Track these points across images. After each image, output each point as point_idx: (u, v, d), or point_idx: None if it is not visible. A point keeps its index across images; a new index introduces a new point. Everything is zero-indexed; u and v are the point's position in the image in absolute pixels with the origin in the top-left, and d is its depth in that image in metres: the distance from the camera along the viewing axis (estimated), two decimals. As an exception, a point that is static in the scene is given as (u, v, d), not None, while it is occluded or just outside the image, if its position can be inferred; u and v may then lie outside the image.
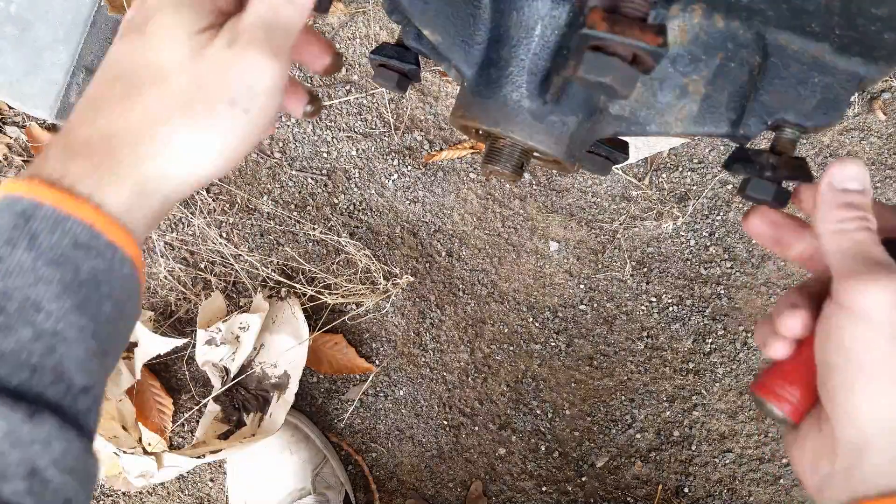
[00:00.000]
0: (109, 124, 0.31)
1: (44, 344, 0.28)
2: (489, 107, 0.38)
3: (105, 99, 0.31)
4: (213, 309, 0.89)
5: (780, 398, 0.36)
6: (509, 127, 0.38)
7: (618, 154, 0.42)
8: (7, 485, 0.26)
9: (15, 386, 0.27)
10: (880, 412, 0.31)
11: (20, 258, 0.28)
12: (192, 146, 0.31)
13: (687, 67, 0.37)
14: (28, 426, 0.27)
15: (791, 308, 0.34)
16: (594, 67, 0.31)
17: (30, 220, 0.28)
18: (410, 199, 0.92)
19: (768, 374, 0.37)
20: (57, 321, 0.28)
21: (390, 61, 0.42)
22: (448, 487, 0.92)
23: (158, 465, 0.85)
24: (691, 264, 0.91)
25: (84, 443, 0.29)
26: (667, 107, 0.38)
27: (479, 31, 0.39)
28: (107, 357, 0.31)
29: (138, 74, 0.31)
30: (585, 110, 0.38)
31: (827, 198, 0.34)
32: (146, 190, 0.31)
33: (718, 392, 0.91)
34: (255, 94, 0.31)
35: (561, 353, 0.92)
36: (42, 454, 0.27)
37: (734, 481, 0.91)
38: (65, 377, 0.28)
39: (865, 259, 0.31)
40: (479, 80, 0.39)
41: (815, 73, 0.35)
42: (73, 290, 0.28)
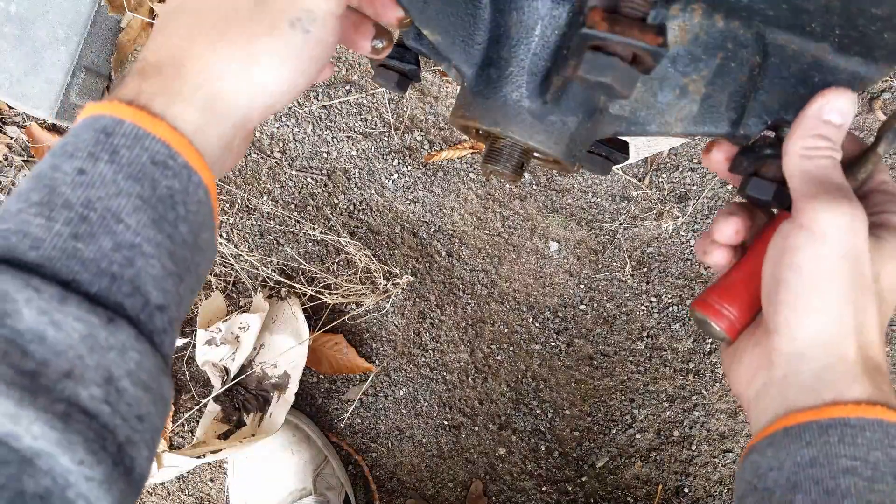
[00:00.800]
0: (179, 50, 0.32)
1: (123, 255, 0.29)
2: (489, 106, 0.38)
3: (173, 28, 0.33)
4: (213, 309, 0.89)
5: (718, 314, 0.38)
6: (509, 127, 0.38)
7: (618, 154, 0.42)
8: (85, 389, 0.27)
9: (95, 292, 0.28)
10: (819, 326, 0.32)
11: (102, 171, 0.29)
12: (256, 66, 0.32)
13: (687, 67, 0.37)
14: (105, 332, 0.28)
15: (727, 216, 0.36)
16: (594, 67, 0.31)
17: (111, 136, 0.29)
18: (410, 199, 0.92)
19: (708, 293, 0.39)
20: (135, 234, 0.29)
21: (390, 61, 0.42)
22: (448, 487, 0.92)
23: (158, 465, 0.85)
24: (691, 264, 0.91)
25: (158, 361, 0.30)
26: (667, 106, 0.38)
27: (479, 31, 0.39)
28: (182, 283, 0.31)
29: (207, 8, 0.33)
30: (585, 110, 0.38)
31: (807, 122, 0.35)
32: (215, 109, 0.32)
33: (718, 392, 0.91)
34: (315, 18, 0.33)
35: (561, 353, 0.92)
36: (118, 362, 0.28)
37: (734, 481, 0.91)
38: (142, 291, 0.29)
39: (828, 184, 0.33)
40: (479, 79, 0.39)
41: (816, 72, 0.35)
42: (151, 205, 0.29)
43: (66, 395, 0.26)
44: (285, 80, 0.33)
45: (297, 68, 0.33)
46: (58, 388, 0.26)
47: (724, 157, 0.39)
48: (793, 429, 0.32)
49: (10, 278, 0.27)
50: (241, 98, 0.32)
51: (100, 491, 0.27)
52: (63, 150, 0.30)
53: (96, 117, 0.30)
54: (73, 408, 0.27)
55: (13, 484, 0.25)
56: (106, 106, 0.31)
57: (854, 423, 0.30)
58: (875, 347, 0.33)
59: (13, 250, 0.28)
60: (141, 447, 0.29)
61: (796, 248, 0.33)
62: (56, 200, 0.28)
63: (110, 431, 0.28)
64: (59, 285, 0.27)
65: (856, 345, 0.32)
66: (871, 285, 0.33)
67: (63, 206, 0.28)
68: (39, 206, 0.28)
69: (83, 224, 0.28)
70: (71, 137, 0.30)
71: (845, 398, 0.31)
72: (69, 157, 0.30)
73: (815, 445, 0.30)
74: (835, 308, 0.32)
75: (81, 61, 0.89)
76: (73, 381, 0.27)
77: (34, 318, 0.27)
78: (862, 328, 0.32)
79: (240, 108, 0.33)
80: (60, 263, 0.28)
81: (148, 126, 0.30)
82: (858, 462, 0.30)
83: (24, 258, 0.27)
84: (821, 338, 0.32)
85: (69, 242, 0.28)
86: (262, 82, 0.33)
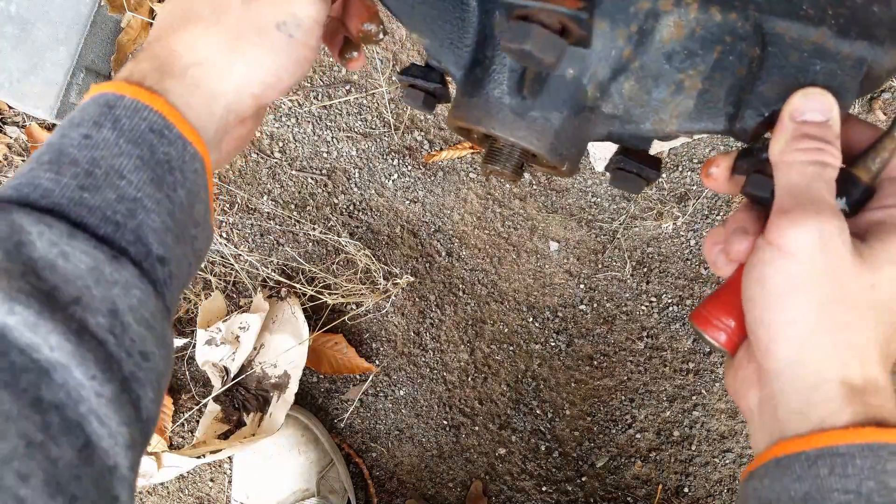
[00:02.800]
0: (172, 36, 0.35)
1: (126, 206, 0.31)
2: (473, 105, 0.38)
3: (169, 19, 0.36)
4: (213, 309, 0.89)
5: (715, 328, 0.37)
6: (490, 123, 0.38)
7: (649, 171, 0.40)
8: (92, 317, 0.29)
9: (101, 234, 0.30)
10: (795, 346, 0.31)
11: (105, 135, 0.32)
12: (241, 57, 0.35)
13: (683, 63, 0.36)
14: (110, 267, 0.30)
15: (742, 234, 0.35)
16: (515, 35, 0.31)
17: (113, 108, 0.33)
18: (410, 199, 0.92)
19: (706, 305, 0.38)
20: (137, 189, 0.32)
21: (416, 80, 0.42)
22: (448, 487, 0.92)
23: (158, 465, 0.85)
24: (691, 264, 0.91)
25: (160, 305, 0.32)
26: (662, 104, 0.37)
27: (467, 34, 0.39)
28: (180, 243, 0.34)
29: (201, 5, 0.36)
30: (570, 106, 0.37)
31: (783, 127, 0.33)
32: (202, 88, 0.34)
33: (718, 392, 0.91)
34: (300, 22, 0.36)
35: (561, 353, 0.92)
36: (121, 297, 0.30)
37: (734, 481, 0.91)
38: (144, 241, 0.32)
39: (802, 196, 0.31)
40: (467, 80, 0.39)
41: (817, 60, 0.34)
42: (151, 166, 0.32)
43: (78, 317, 0.28)
44: (270, 74, 0.36)
45: (280, 66, 0.36)
46: (70, 309, 0.28)
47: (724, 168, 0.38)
48: (783, 460, 0.31)
49: (24, 214, 0.29)
50: (225, 83, 0.35)
51: (109, 409, 0.28)
52: (70, 122, 0.33)
53: (101, 94, 0.33)
54: (84, 329, 0.28)
55: (33, 390, 0.26)
56: (109, 85, 0.34)
57: (843, 452, 0.29)
58: (868, 364, 0.31)
59: (26, 198, 0.30)
60: (146, 386, 0.31)
61: (764, 264, 0.32)
62: (64, 159, 0.31)
63: (116, 361, 0.29)
64: (68, 223, 0.30)
65: (839, 364, 0.31)
66: (857, 299, 0.31)
67: (70, 163, 0.31)
68: (49, 164, 0.31)
69: (89, 178, 0.31)
70: (77, 112, 0.33)
71: (832, 423, 0.30)
72: (76, 126, 0.32)
73: (807, 479, 0.29)
74: (810, 327, 0.31)
75: (81, 61, 0.89)
76: (81, 307, 0.29)
77: (46, 248, 0.29)
78: (846, 346, 0.31)
79: (226, 93, 0.35)
80: (69, 209, 0.30)
81: (146, 100, 0.33)
82: (852, 496, 0.28)
83: (37, 205, 0.30)
84: (799, 358, 0.31)
85: (76, 192, 0.30)
86: (246, 73, 0.35)
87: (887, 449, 0.29)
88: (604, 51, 0.36)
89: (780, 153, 0.33)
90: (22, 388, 0.26)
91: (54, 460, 0.26)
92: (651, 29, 0.36)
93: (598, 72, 0.36)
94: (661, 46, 0.36)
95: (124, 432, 0.29)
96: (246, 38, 0.35)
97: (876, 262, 0.32)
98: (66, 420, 0.27)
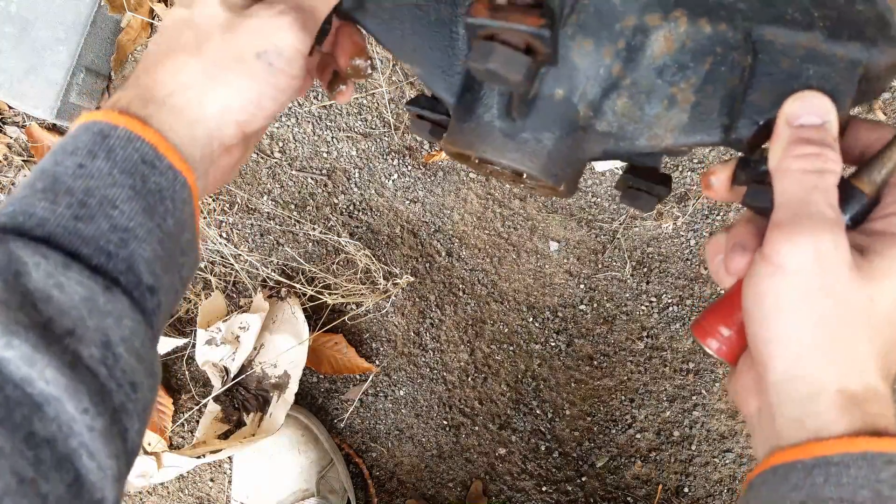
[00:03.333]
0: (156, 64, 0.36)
1: (118, 236, 0.32)
2: (465, 130, 0.38)
3: (155, 47, 0.37)
4: (213, 309, 0.89)
5: (715, 339, 0.37)
6: (482, 147, 0.38)
7: (660, 188, 0.40)
8: (86, 348, 0.29)
9: (95, 264, 0.31)
10: (792, 358, 0.31)
11: (99, 165, 0.32)
12: (221, 85, 0.36)
13: (675, 77, 0.36)
14: (103, 298, 0.30)
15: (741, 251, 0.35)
16: (479, 55, 0.31)
17: (107, 138, 0.33)
18: (410, 199, 0.92)
19: (706, 316, 0.38)
20: (129, 219, 0.32)
21: (423, 111, 0.43)
22: (448, 487, 0.92)
23: (158, 465, 0.85)
24: (691, 264, 0.91)
25: (150, 333, 0.33)
26: (655, 119, 0.37)
27: (457, 61, 0.40)
28: (170, 271, 0.34)
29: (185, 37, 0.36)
30: (561, 126, 0.37)
31: (779, 133, 0.33)
32: (184, 114, 0.35)
33: (718, 392, 0.91)
34: (280, 53, 0.36)
35: (561, 353, 0.92)
36: (114, 327, 0.30)
37: (734, 481, 0.91)
38: (134, 270, 0.32)
39: (798, 209, 0.31)
40: (459, 106, 0.39)
41: (810, 64, 0.33)
42: (142, 195, 0.33)
43: (72, 349, 0.29)
44: (250, 102, 0.36)
45: (262, 94, 0.36)
46: (64, 341, 0.29)
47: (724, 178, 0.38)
48: (780, 469, 0.31)
49: (22, 245, 0.30)
50: (207, 108, 0.35)
51: (99, 442, 0.28)
52: (63, 149, 0.33)
53: (93, 122, 0.34)
54: (78, 361, 0.29)
55: (27, 425, 0.27)
56: (101, 114, 0.34)
57: (837, 461, 0.29)
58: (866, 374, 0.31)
59: (21, 227, 0.31)
60: (133, 417, 0.31)
61: (761, 279, 0.32)
62: (59, 188, 0.32)
63: (107, 392, 0.29)
64: (63, 254, 0.30)
65: (836, 375, 0.31)
66: (855, 314, 0.31)
67: (65, 192, 0.31)
68: (44, 192, 0.31)
69: (83, 208, 0.31)
70: (70, 139, 0.34)
71: (828, 432, 0.30)
72: (70, 154, 0.33)
73: (803, 489, 0.30)
74: (807, 343, 0.31)
75: (81, 61, 0.89)
76: (75, 339, 0.29)
77: (42, 279, 0.29)
78: (843, 359, 0.31)
79: (209, 118, 0.36)
80: (64, 238, 0.31)
81: (138, 131, 0.33)
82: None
83: (32, 234, 0.30)
84: (796, 370, 0.31)
85: (71, 222, 0.31)
86: (226, 100, 0.36)
87: (882, 458, 0.29)
88: (591, 69, 0.36)
89: (777, 161, 0.33)
90: (16, 422, 0.26)
91: (44, 496, 0.26)
92: (640, 45, 0.36)
93: (587, 90, 0.36)
94: (652, 61, 0.36)
95: (112, 465, 0.29)
96: (226, 67, 0.35)
97: (875, 275, 0.31)
98: (57, 455, 0.27)
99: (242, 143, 0.40)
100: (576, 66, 0.36)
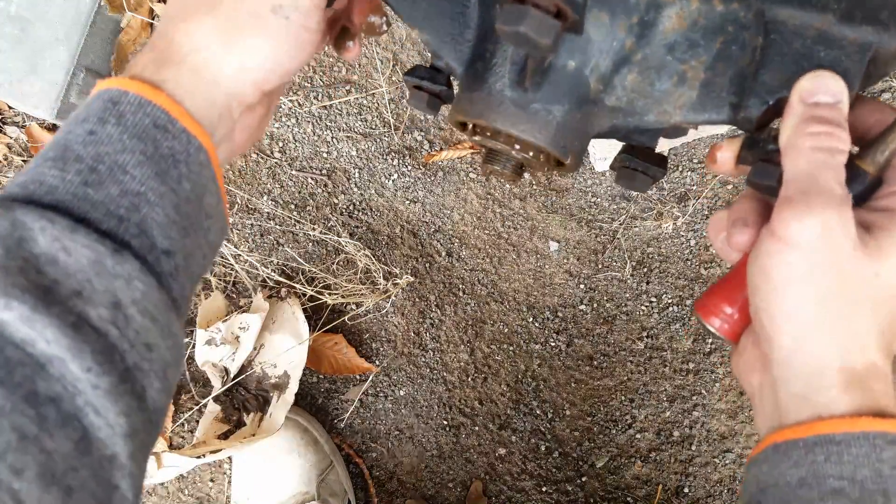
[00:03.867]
0: (171, 26, 0.36)
1: (129, 200, 0.31)
2: (474, 99, 0.38)
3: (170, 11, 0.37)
4: (213, 309, 0.89)
5: (717, 317, 0.38)
6: (492, 116, 0.38)
7: (655, 169, 0.40)
8: (94, 309, 0.29)
9: (104, 229, 0.31)
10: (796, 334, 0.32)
11: (109, 131, 0.32)
12: (238, 43, 0.35)
13: (685, 54, 0.36)
14: (112, 260, 0.30)
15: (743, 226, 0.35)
16: (510, 17, 0.31)
17: (117, 104, 0.33)
18: (410, 199, 0.92)
19: (709, 295, 0.38)
20: (140, 184, 0.32)
21: (422, 82, 0.42)
22: (448, 487, 0.92)
23: (158, 465, 0.85)
24: (691, 264, 0.91)
25: (165, 297, 0.32)
26: (664, 95, 0.37)
27: (468, 29, 0.39)
28: (188, 236, 0.34)
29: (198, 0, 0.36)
30: (572, 99, 0.37)
31: (792, 110, 0.33)
32: (201, 75, 0.35)
33: (718, 392, 0.91)
34: (297, 6, 0.35)
35: (561, 353, 0.92)
36: (124, 290, 0.30)
37: (734, 481, 0.91)
38: (147, 234, 0.32)
39: (808, 186, 0.31)
40: (468, 75, 0.39)
41: (821, 46, 0.34)
42: (154, 161, 0.33)
43: (77, 311, 0.29)
44: (268, 59, 0.36)
45: (279, 50, 0.36)
46: (69, 303, 0.29)
47: (730, 154, 0.38)
48: (781, 446, 0.31)
49: (27, 211, 0.30)
50: (224, 68, 0.35)
51: (106, 400, 0.28)
52: (76, 118, 0.33)
53: (105, 90, 0.34)
54: (83, 322, 0.29)
55: (28, 384, 0.27)
56: (114, 81, 0.34)
57: (839, 440, 0.30)
58: (868, 350, 0.31)
59: (31, 195, 0.31)
60: (151, 377, 0.31)
61: (768, 255, 0.32)
62: (69, 156, 0.32)
63: (118, 352, 0.29)
64: (71, 218, 0.30)
65: (839, 351, 0.31)
66: (859, 290, 0.31)
67: (75, 159, 0.31)
68: (54, 161, 0.32)
69: (93, 174, 0.31)
70: (83, 108, 0.34)
71: (830, 411, 0.31)
72: (81, 122, 0.33)
73: (803, 465, 0.30)
74: (811, 318, 0.31)
75: (81, 61, 0.89)
76: (82, 300, 0.29)
77: (48, 243, 0.29)
78: (846, 335, 0.31)
79: (226, 79, 0.35)
80: (73, 204, 0.31)
81: (149, 95, 0.33)
82: (846, 482, 0.29)
83: (41, 202, 0.30)
84: (800, 347, 0.32)
85: (80, 188, 0.31)
86: (243, 59, 0.35)
87: (883, 438, 0.29)
88: (605, 42, 0.36)
89: (788, 138, 0.33)
90: (16, 382, 0.27)
91: (49, 453, 0.26)
92: (653, 20, 0.36)
93: (600, 64, 0.36)
94: (664, 38, 0.36)
95: (122, 422, 0.29)
96: (241, 25, 0.35)
97: (880, 252, 0.32)
98: (63, 413, 0.27)
99: (265, 101, 0.40)
100: (590, 39, 0.36)
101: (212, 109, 0.35)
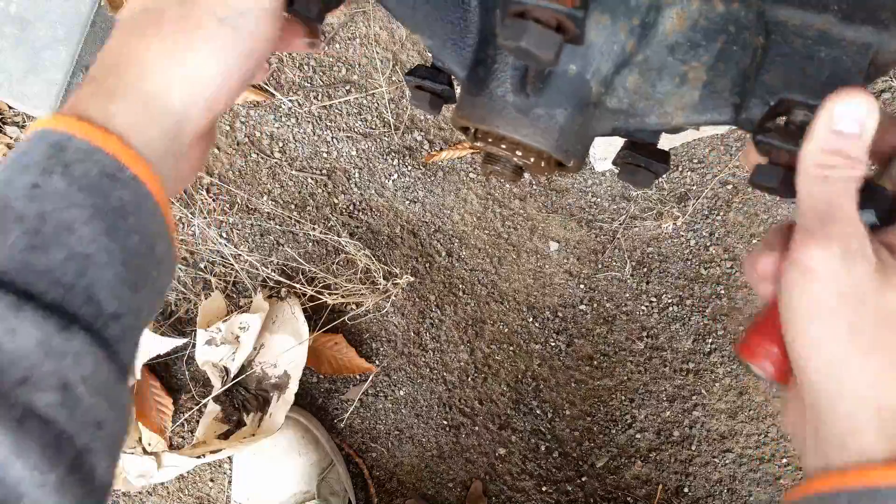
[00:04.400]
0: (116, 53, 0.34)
1: (76, 264, 0.29)
2: (477, 104, 0.38)
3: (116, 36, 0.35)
4: (213, 309, 0.89)
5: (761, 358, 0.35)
6: (495, 122, 0.37)
7: (658, 165, 0.40)
8: (41, 396, 0.27)
9: (49, 301, 0.28)
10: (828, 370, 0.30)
11: (55, 184, 0.30)
12: (185, 61, 0.33)
13: (686, 55, 0.36)
14: (59, 338, 0.28)
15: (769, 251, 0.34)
16: (511, 33, 0.30)
17: (63, 150, 0.30)
18: (410, 199, 0.92)
19: (749, 334, 0.36)
20: (88, 244, 0.30)
21: (424, 82, 0.42)
22: (448, 487, 0.92)
23: (158, 465, 0.85)
24: (691, 264, 0.91)
25: (114, 368, 0.30)
26: (666, 96, 0.37)
27: (469, 33, 0.39)
28: (138, 291, 0.32)
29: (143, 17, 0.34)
30: (574, 102, 0.37)
31: (818, 134, 0.32)
32: (150, 107, 0.33)
33: (718, 392, 0.91)
34: (243, 14, 0.33)
35: (561, 353, 0.92)
36: (73, 368, 0.28)
37: (734, 481, 0.91)
38: (94, 300, 0.30)
39: (826, 214, 0.31)
40: (471, 79, 0.39)
41: (822, 47, 0.34)
42: (103, 215, 0.30)
43: (22, 402, 0.27)
44: (217, 73, 0.34)
45: (228, 62, 0.34)
46: (13, 394, 0.27)
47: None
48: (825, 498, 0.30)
49: None
50: (174, 93, 0.33)
51: (53, 498, 0.27)
52: (14, 163, 0.31)
53: (47, 132, 0.31)
54: (29, 413, 0.27)
55: None
56: (58, 121, 0.31)
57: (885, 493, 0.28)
58: None
59: None
60: (100, 455, 0.30)
61: (792, 286, 0.31)
62: (9, 215, 0.29)
63: (67, 438, 0.28)
64: (14, 294, 0.28)
65: (874, 389, 0.30)
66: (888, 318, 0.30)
67: (16, 220, 0.29)
68: None
69: (37, 237, 0.29)
70: (21, 152, 0.31)
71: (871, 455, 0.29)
72: (21, 171, 0.30)
73: None
74: (842, 350, 0.30)
75: (81, 61, 0.89)
76: (28, 387, 0.27)
77: None
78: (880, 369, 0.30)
79: (175, 105, 0.33)
80: (16, 276, 0.28)
81: (99, 142, 0.31)
82: None
83: None
84: (833, 383, 0.30)
85: (23, 255, 0.28)
86: (193, 76, 0.33)
87: None
88: (606, 45, 0.36)
89: (810, 161, 0.32)
90: None
91: None
92: (653, 21, 0.36)
93: (601, 67, 0.36)
94: (664, 39, 0.36)
95: None
96: (187, 41, 0.33)
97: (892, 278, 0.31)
98: None
99: (208, 132, 0.38)
100: (591, 42, 0.36)
101: (161, 141, 0.33)
